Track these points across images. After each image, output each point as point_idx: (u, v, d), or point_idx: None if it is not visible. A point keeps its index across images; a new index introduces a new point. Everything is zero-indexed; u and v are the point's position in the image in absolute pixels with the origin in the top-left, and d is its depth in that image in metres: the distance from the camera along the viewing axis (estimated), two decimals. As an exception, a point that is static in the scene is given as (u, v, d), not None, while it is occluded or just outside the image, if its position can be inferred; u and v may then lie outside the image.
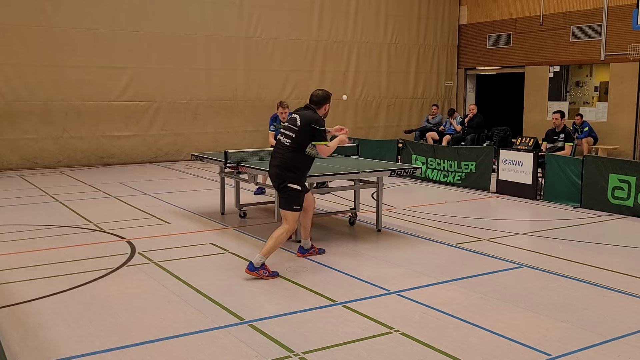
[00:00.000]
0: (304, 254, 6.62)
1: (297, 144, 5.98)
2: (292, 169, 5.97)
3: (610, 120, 16.00)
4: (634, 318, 4.85)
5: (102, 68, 14.65)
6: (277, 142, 6.14)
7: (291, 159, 5.98)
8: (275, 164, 6.04)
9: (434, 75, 19.87)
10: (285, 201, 6.00)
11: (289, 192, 5.96)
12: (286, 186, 5.95)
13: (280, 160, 6.01)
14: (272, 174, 6.10)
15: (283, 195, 6.00)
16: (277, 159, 6.06)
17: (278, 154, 6.08)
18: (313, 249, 6.68)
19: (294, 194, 5.96)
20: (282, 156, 6.02)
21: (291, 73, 17.27)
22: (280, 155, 6.03)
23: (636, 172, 8.77)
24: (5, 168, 13.79)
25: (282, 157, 6.01)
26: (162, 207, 9.44)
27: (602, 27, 15.90)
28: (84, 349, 4.24)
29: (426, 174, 12.06)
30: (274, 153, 6.14)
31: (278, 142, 6.13)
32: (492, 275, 5.97)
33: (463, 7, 19.87)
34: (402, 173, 7.82)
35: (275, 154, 6.11)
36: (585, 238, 7.60)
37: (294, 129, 6.03)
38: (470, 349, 4.24)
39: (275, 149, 6.16)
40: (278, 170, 6.00)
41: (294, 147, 5.98)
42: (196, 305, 5.11)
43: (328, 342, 4.35)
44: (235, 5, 16.20)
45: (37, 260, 6.47)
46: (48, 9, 13.93)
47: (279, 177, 6.00)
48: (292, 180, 5.96)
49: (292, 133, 6.02)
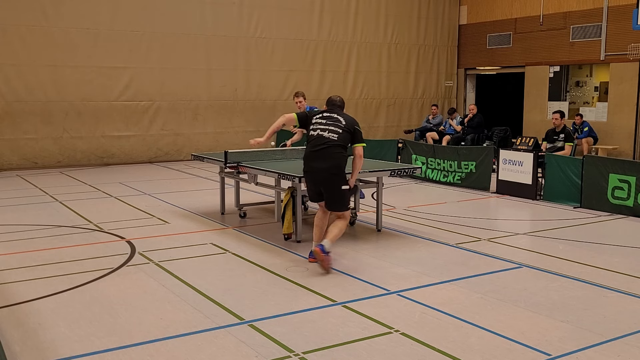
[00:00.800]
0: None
1: (343, 141, 6.05)
2: (344, 167, 6.05)
3: (610, 120, 16.00)
4: (634, 318, 4.85)
5: (102, 68, 14.65)
6: (319, 137, 6.02)
7: (340, 157, 6.03)
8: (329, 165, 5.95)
9: (434, 75, 19.87)
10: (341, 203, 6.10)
11: (343, 191, 6.06)
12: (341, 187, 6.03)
13: (331, 160, 5.96)
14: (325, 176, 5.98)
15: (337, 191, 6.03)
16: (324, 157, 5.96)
17: (324, 150, 5.98)
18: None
19: (345, 193, 6.10)
20: (332, 153, 5.97)
21: (291, 73, 17.27)
22: (331, 153, 5.97)
23: (636, 172, 8.77)
24: (5, 168, 13.79)
25: (333, 154, 5.98)
26: (162, 207, 9.44)
27: (602, 27, 15.91)
28: (84, 349, 4.24)
29: (426, 174, 12.06)
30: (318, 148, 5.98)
31: (320, 137, 6.02)
32: (492, 275, 5.97)
33: (463, 7, 19.87)
34: (402, 173, 7.82)
35: (320, 151, 5.98)
36: (585, 238, 7.60)
37: (339, 126, 6.07)
38: (470, 349, 4.24)
39: (316, 145, 6.01)
40: (335, 170, 5.98)
41: (340, 144, 6.04)
42: (196, 305, 5.11)
43: (328, 342, 4.35)
44: (235, 5, 16.21)
45: (37, 260, 6.47)
46: (48, 9, 13.94)
47: (333, 177, 5.98)
48: (345, 181, 6.07)
49: (339, 129, 6.05)
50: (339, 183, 6.04)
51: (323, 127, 6.10)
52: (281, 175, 7.10)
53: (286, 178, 7.01)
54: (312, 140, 6.13)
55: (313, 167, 6.08)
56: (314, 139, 6.10)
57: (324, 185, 6.07)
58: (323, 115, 6.22)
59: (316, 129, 6.13)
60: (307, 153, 6.14)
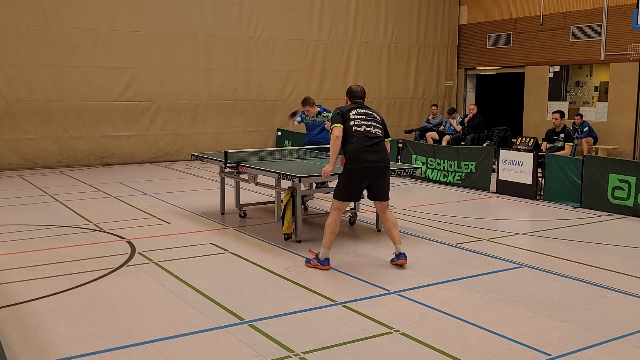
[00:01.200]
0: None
1: (383, 137, 6.19)
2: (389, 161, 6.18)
3: (610, 120, 16.00)
4: (634, 318, 4.85)
5: (102, 68, 14.65)
6: (366, 133, 6.05)
7: (387, 152, 6.17)
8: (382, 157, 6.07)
9: (434, 75, 19.87)
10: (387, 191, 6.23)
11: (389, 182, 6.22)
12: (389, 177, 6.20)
13: (381, 153, 6.08)
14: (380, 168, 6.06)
15: (387, 185, 6.19)
16: (378, 150, 6.05)
17: (375, 144, 6.06)
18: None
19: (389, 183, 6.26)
20: (382, 147, 6.12)
21: (291, 73, 17.27)
22: (382, 146, 6.11)
23: (636, 172, 8.77)
24: (5, 168, 13.79)
25: (383, 148, 6.12)
26: (162, 207, 9.44)
27: (602, 27, 15.91)
28: (84, 349, 4.24)
29: (426, 174, 12.06)
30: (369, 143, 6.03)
31: (367, 133, 6.06)
32: (492, 275, 5.97)
33: (463, 7, 19.87)
34: (402, 173, 7.82)
35: (373, 145, 6.04)
36: (585, 238, 7.60)
37: (377, 121, 6.19)
38: (470, 349, 4.24)
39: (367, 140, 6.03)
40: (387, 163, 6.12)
41: (383, 139, 6.17)
42: (196, 305, 5.11)
43: (328, 342, 4.35)
44: (235, 5, 16.20)
45: (37, 260, 6.47)
46: (48, 9, 13.93)
47: (385, 169, 6.12)
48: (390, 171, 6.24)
49: (379, 125, 6.18)
50: (388, 174, 6.25)
51: (368, 123, 6.13)
52: (281, 175, 7.10)
53: (286, 178, 7.01)
54: (360, 135, 6.05)
55: (369, 160, 6.02)
56: (363, 134, 6.06)
57: (377, 178, 6.10)
58: (359, 112, 6.21)
59: (361, 124, 6.11)
60: (359, 148, 6.03)
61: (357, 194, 6.27)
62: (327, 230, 6.14)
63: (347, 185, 6.17)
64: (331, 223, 6.14)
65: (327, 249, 6.13)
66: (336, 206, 6.22)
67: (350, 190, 6.20)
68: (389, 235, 6.31)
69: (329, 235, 6.13)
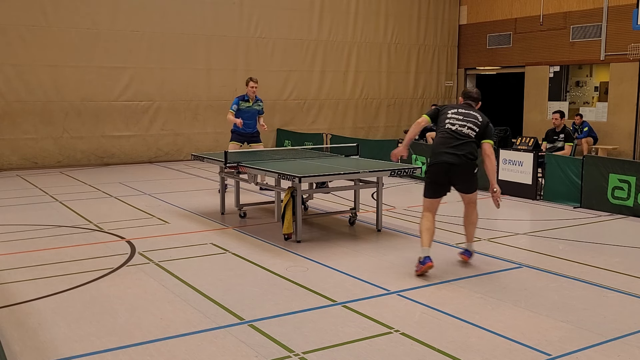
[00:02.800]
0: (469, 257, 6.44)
1: (478, 138, 6.12)
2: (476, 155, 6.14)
3: (610, 120, 16.01)
4: (634, 318, 4.85)
5: (102, 68, 14.65)
6: (457, 132, 6.04)
7: (474, 150, 6.11)
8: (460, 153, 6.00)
9: (434, 75, 19.87)
10: (473, 185, 6.23)
11: (475, 177, 6.19)
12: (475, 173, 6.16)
13: (467, 150, 6.03)
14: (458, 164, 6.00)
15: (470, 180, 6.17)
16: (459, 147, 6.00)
17: (461, 141, 6.02)
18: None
19: (476, 179, 6.24)
20: (467, 147, 6.04)
21: (291, 73, 17.27)
22: (466, 146, 6.03)
23: (636, 172, 8.77)
24: (5, 168, 13.79)
25: (468, 147, 6.04)
26: (162, 207, 9.44)
27: (602, 27, 15.91)
28: (84, 349, 4.24)
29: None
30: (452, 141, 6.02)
31: (456, 131, 6.05)
32: (492, 275, 5.97)
33: (463, 7, 19.88)
34: (402, 173, 7.81)
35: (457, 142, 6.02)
36: (585, 238, 7.60)
37: (477, 124, 6.12)
38: (470, 349, 4.24)
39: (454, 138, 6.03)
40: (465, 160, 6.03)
41: (476, 140, 6.10)
42: (196, 305, 5.11)
43: (328, 342, 4.35)
44: (235, 5, 16.21)
45: (37, 260, 6.47)
46: (48, 9, 13.94)
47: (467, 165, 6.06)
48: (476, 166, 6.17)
49: (476, 127, 6.11)
50: (473, 167, 6.15)
51: (462, 123, 6.11)
52: (281, 175, 7.10)
53: (286, 178, 7.01)
54: (448, 133, 6.08)
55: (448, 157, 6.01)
56: (451, 132, 6.07)
57: (457, 175, 6.07)
58: (459, 111, 6.21)
59: (454, 123, 6.12)
60: (442, 144, 6.07)
61: (439, 190, 6.17)
62: (420, 229, 6.12)
63: (430, 180, 6.18)
64: (423, 222, 6.12)
65: (425, 247, 5.97)
66: (425, 205, 6.20)
67: (432, 186, 6.18)
68: (465, 230, 6.44)
69: (422, 233, 6.05)
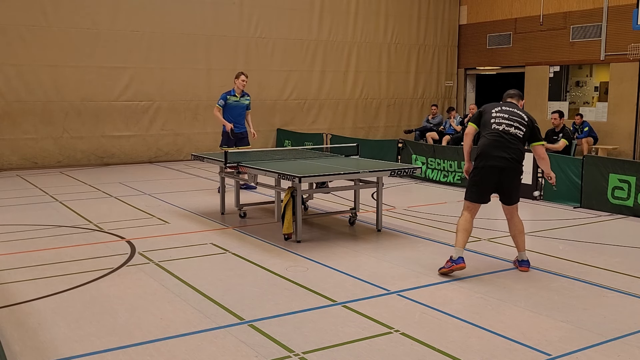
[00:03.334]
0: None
1: (525, 138, 5.99)
2: (523, 159, 6.00)
3: (610, 120, 16.01)
4: (634, 318, 4.85)
5: (102, 68, 14.65)
6: (505, 132, 5.86)
7: (522, 152, 5.97)
8: (509, 156, 5.85)
9: (434, 75, 19.87)
10: (517, 195, 6.07)
11: (519, 185, 6.05)
12: (520, 179, 6.03)
13: (515, 152, 5.88)
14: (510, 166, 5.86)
15: (516, 188, 6.01)
16: (509, 150, 5.85)
17: (510, 143, 5.86)
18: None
19: (520, 186, 6.10)
20: (516, 148, 5.90)
21: (291, 73, 17.27)
22: (514, 147, 5.89)
23: (636, 172, 8.77)
24: (5, 168, 13.79)
25: (516, 149, 5.90)
26: (162, 207, 9.44)
27: (602, 27, 15.91)
28: (84, 349, 4.24)
29: (426, 174, 12.06)
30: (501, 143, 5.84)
31: (504, 132, 5.86)
32: (492, 275, 5.97)
33: (463, 7, 19.88)
34: (402, 173, 7.81)
35: (506, 144, 5.85)
36: (585, 238, 7.60)
37: (523, 124, 5.95)
38: (470, 349, 4.24)
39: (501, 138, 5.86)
40: (514, 164, 5.90)
41: (523, 140, 5.98)
42: (196, 305, 5.11)
43: (328, 342, 4.35)
44: (235, 5, 16.21)
45: (37, 260, 6.47)
46: (48, 9, 13.94)
47: (516, 170, 5.93)
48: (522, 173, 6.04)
49: (523, 127, 5.94)
50: (520, 172, 6.03)
51: (508, 123, 5.94)
52: (281, 175, 7.10)
53: (286, 178, 7.01)
54: (496, 133, 5.91)
55: (498, 157, 5.86)
56: (500, 133, 5.90)
57: (506, 176, 5.91)
58: (503, 109, 6.04)
59: (501, 122, 5.95)
60: (490, 144, 5.90)
61: (486, 193, 5.99)
62: (457, 228, 5.99)
63: (476, 183, 5.97)
64: (460, 221, 5.98)
65: (459, 247, 5.88)
66: (465, 206, 6.03)
67: (477, 189, 5.96)
68: (514, 241, 6.20)
69: (459, 233, 5.93)
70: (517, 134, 5.94)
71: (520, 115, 6.04)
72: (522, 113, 6.08)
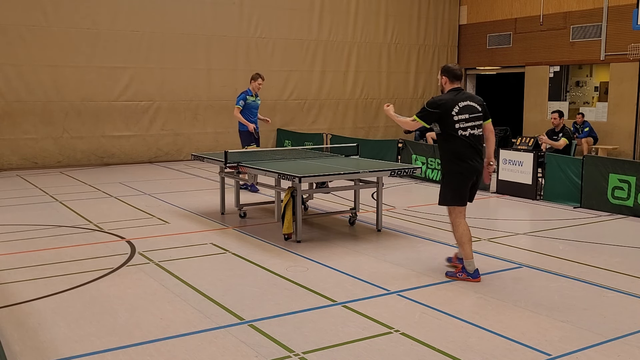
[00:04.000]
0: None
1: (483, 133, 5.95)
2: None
3: (610, 120, 16.01)
4: (634, 318, 4.85)
5: (102, 68, 14.65)
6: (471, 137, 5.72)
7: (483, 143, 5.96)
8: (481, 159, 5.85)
9: (434, 75, 19.84)
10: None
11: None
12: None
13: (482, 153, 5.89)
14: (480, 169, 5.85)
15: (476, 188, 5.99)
16: (480, 152, 5.84)
17: (480, 145, 5.83)
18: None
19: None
20: (482, 147, 5.89)
21: (291, 73, 17.27)
22: (482, 147, 5.88)
23: (636, 172, 8.77)
24: (5, 168, 13.79)
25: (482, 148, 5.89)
26: (162, 207, 9.44)
27: (602, 27, 15.91)
28: (84, 349, 4.24)
29: (426, 174, 12.06)
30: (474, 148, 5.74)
31: (472, 137, 5.72)
32: (492, 275, 5.97)
33: (463, 7, 19.87)
34: (402, 173, 7.82)
35: (477, 147, 5.79)
36: (585, 238, 7.60)
37: (480, 115, 5.82)
38: (470, 349, 4.24)
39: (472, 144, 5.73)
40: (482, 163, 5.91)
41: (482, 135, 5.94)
42: (196, 305, 5.11)
43: (328, 342, 4.35)
44: (235, 5, 16.21)
45: (37, 260, 6.47)
46: (48, 9, 13.94)
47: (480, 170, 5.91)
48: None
49: (481, 119, 5.84)
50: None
51: (472, 125, 5.76)
52: (281, 175, 7.10)
53: (286, 178, 7.01)
54: (466, 140, 5.72)
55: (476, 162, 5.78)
56: (469, 139, 5.72)
57: (479, 177, 5.90)
58: (461, 107, 5.72)
59: (466, 127, 5.72)
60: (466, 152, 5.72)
61: (467, 196, 5.91)
62: (462, 241, 5.81)
63: (459, 187, 5.81)
64: (463, 231, 5.83)
65: (471, 259, 5.78)
66: (457, 212, 5.86)
67: (462, 192, 5.82)
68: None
69: (466, 244, 5.80)
70: (479, 133, 5.84)
71: (475, 107, 5.80)
72: (475, 104, 5.82)
